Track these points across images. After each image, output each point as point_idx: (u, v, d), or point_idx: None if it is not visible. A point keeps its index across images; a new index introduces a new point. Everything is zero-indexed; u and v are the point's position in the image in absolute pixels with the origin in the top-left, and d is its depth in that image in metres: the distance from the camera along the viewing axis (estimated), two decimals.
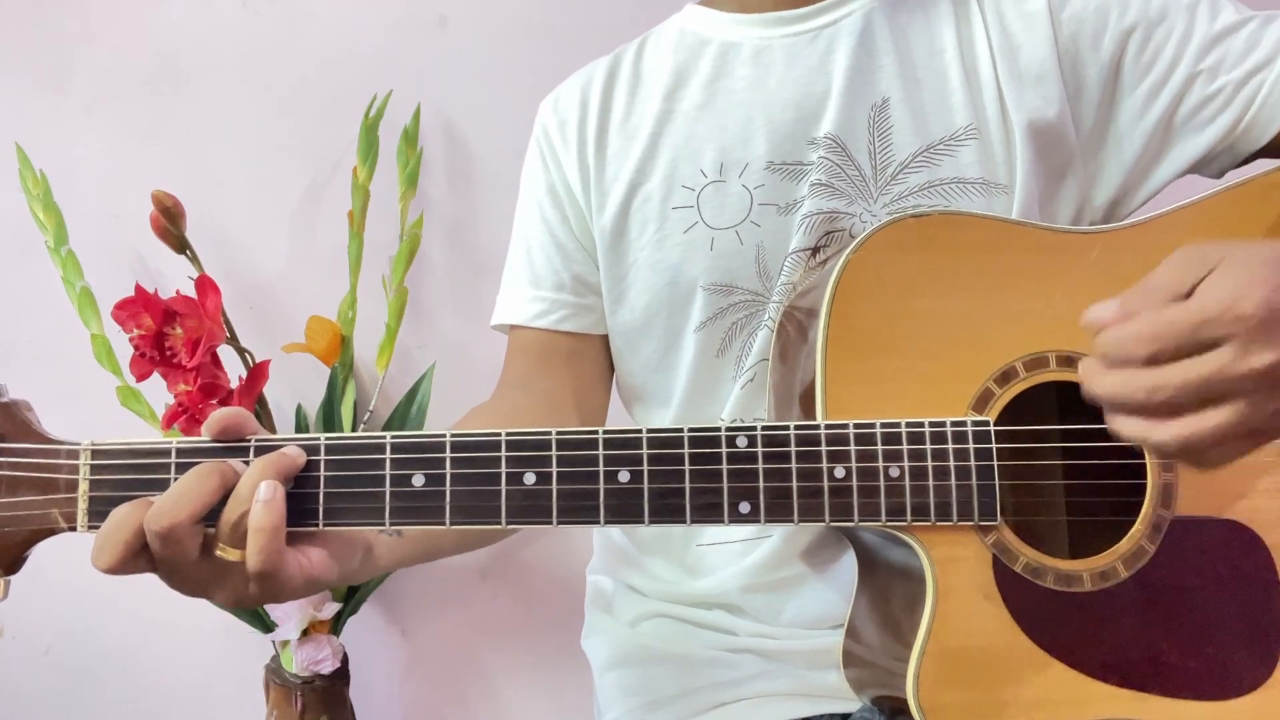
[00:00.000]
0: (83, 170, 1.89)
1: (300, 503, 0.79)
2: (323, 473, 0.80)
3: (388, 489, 0.80)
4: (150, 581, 0.78)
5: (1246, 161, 1.05)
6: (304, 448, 0.80)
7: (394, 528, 0.90)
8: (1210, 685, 0.86)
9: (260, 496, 0.76)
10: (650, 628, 1.15)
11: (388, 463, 0.80)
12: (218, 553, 0.77)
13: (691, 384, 1.10)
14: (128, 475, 0.79)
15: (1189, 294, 0.70)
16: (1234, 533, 0.85)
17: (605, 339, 1.18)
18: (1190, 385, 0.68)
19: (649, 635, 1.14)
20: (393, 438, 0.81)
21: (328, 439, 0.80)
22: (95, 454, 0.79)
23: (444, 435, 0.81)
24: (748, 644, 1.08)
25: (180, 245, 1.72)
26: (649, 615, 1.15)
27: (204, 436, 0.80)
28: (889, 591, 0.91)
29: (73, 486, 0.79)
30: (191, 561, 0.77)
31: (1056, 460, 0.90)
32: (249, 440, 0.80)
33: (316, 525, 0.80)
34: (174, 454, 0.79)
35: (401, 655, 2.00)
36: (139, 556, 0.76)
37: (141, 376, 1.63)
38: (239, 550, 0.77)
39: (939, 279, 0.89)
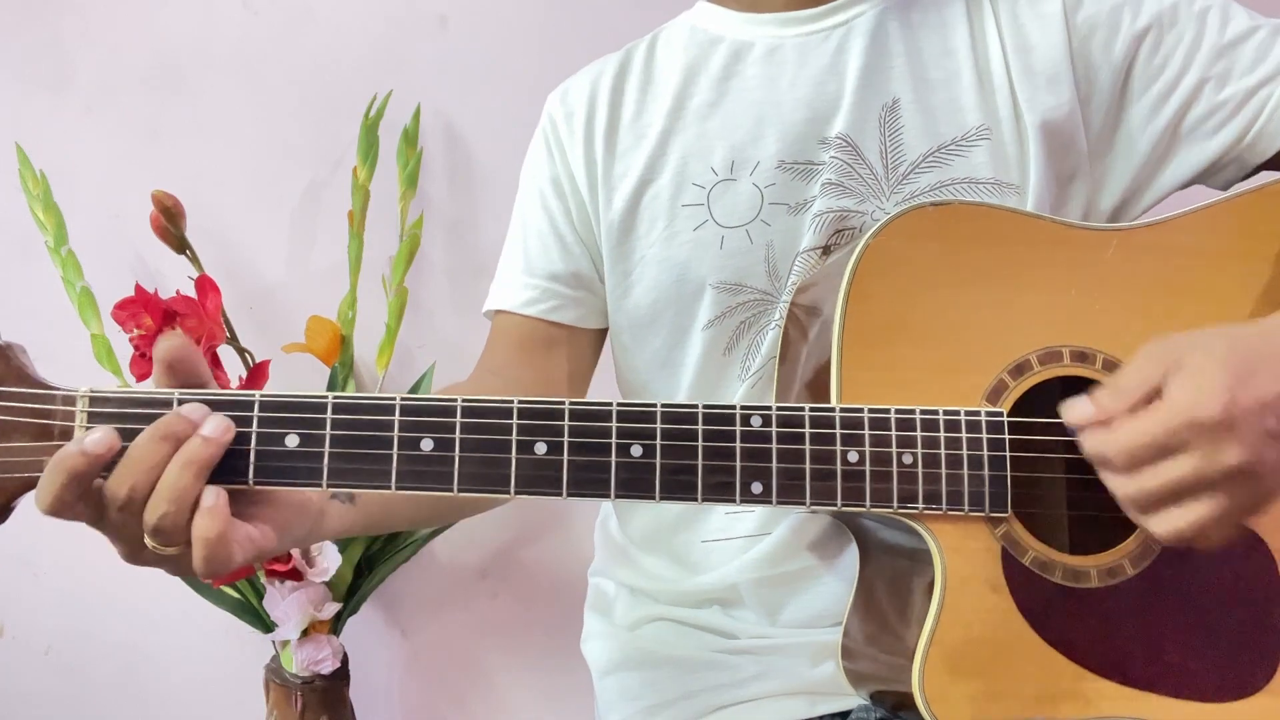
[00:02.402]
0: (83, 170, 1.89)
1: (305, 461, 0.78)
2: (329, 431, 0.78)
3: (395, 451, 0.79)
4: (150, 582, 0.78)
5: (1253, 174, 1.05)
6: (311, 405, 0.79)
7: (347, 494, 0.88)
8: (1213, 687, 0.85)
9: (204, 504, 0.74)
10: (649, 631, 1.14)
11: (396, 425, 0.79)
12: (150, 546, 0.75)
13: (697, 381, 1.10)
14: (127, 424, 0.76)
15: (1158, 388, 0.77)
16: (1239, 536, 0.85)
17: (592, 334, 1.19)
18: (1167, 488, 0.76)
19: (648, 639, 1.14)
20: (402, 399, 0.79)
21: (335, 398, 0.79)
22: (94, 400, 0.77)
23: (455, 400, 0.80)
24: (747, 645, 1.07)
25: (180, 245, 1.72)
26: (648, 619, 1.15)
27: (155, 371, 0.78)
28: (894, 584, 0.91)
29: (68, 434, 0.76)
30: (140, 534, 0.75)
31: (1067, 455, 0.90)
32: (253, 395, 0.78)
33: (320, 485, 0.78)
34: (175, 404, 0.77)
35: (401, 655, 1.99)
36: (77, 504, 0.74)
37: (141, 376, 1.62)
38: (170, 548, 0.75)
39: (956, 269, 0.89)
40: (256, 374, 1.67)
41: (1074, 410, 0.80)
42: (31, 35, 1.92)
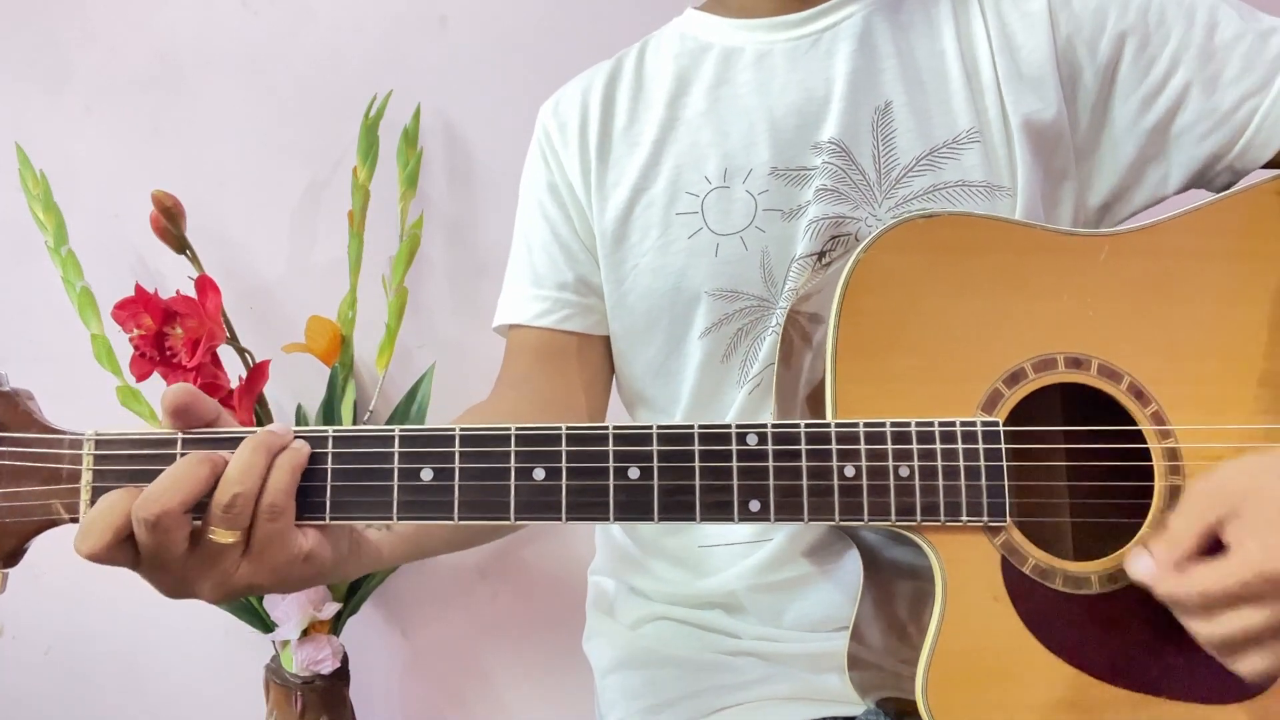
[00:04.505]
0: (83, 170, 1.89)
1: (307, 495, 0.78)
2: (330, 465, 0.79)
3: (395, 483, 0.79)
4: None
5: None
6: (311, 440, 0.79)
7: (383, 523, 0.88)
8: (1217, 689, 0.85)
9: (293, 445, 0.78)
10: (652, 630, 1.15)
11: (396, 456, 0.79)
12: (210, 536, 0.76)
13: (696, 389, 1.10)
14: (132, 466, 0.77)
15: (1213, 530, 0.78)
16: None
17: (606, 340, 1.18)
18: (1249, 636, 0.76)
19: (651, 638, 1.14)
20: (401, 431, 0.80)
21: (335, 431, 0.79)
22: (99, 444, 0.78)
23: (453, 429, 0.80)
24: (750, 647, 1.08)
25: (180, 245, 1.72)
26: (651, 618, 1.15)
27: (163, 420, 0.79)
28: (896, 593, 0.91)
29: (75, 477, 0.77)
30: (178, 555, 0.76)
31: (1064, 461, 0.90)
32: (255, 431, 0.78)
33: (323, 518, 0.79)
34: (179, 444, 0.78)
35: (401, 655, 2.00)
36: (123, 546, 0.75)
37: (141, 376, 1.63)
38: (232, 532, 0.76)
39: (948, 279, 0.88)
40: (256, 374, 1.68)
41: (1137, 566, 0.81)
42: (31, 35, 1.92)
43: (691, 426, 0.82)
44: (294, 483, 0.77)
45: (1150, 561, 0.79)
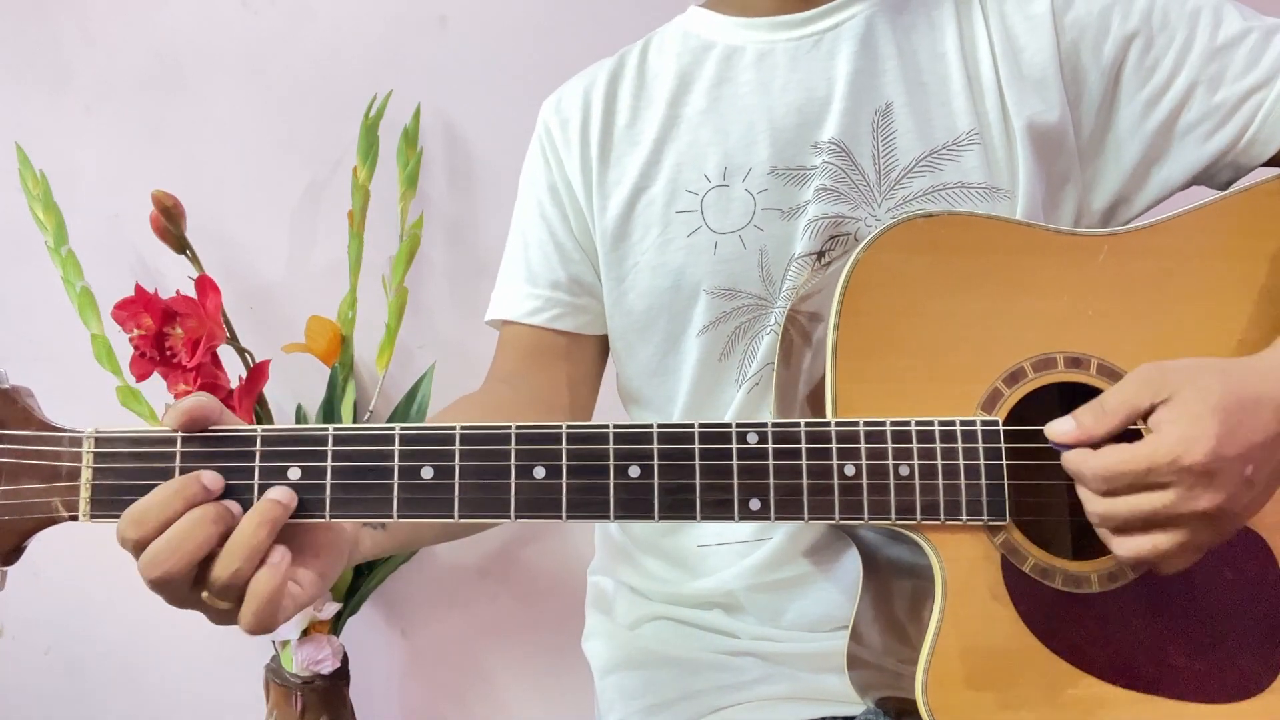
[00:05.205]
0: (83, 170, 1.89)
1: (308, 493, 0.78)
2: (330, 463, 0.79)
3: (396, 481, 0.79)
4: None
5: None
6: (311, 438, 0.79)
7: (378, 520, 0.88)
8: (1217, 688, 0.85)
9: (271, 560, 0.75)
10: (650, 630, 1.14)
11: (396, 454, 0.79)
12: (204, 598, 0.75)
13: (694, 388, 1.10)
14: (132, 464, 0.77)
15: (1144, 415, 0.80)
16: (1240, 536, 0.85)
17: (597, 340, 1.18)
18: (1138, 517, 0.79)
19: (649, 638, 1.14)
20: (401, 429, 0.79)
21: (336, 429, 0.79)
22: (99, 441, 0.77)
23: (453, 428, 0.80)
24: (749, 647, 1.07)
25: (180, 245, 1.72)
26: (649, 618, 1.15)
27: (167, 427, 0.78)
28: (896, 592, 0.91)
29: (75, 475, 0.77)
30: (186, 595, 0.76)
31: None
32: (255, 430, 0.78)
33: (323, 516, 0.79)
34: (179, 443, 0.78)
35: (401, 655, 2.00)
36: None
37: (141, 376, 1.63)
38: (227, 602, 0.75)
39: (948, 279, 0.88)
40: (256, 374, 1.67)
41: (1057, 427, 0.82)
42: (31, 35, 1.92)
43: (692, 425, 0.82)
44: (283, 574, 0.76)
45: (1072, 427, 0.81)
